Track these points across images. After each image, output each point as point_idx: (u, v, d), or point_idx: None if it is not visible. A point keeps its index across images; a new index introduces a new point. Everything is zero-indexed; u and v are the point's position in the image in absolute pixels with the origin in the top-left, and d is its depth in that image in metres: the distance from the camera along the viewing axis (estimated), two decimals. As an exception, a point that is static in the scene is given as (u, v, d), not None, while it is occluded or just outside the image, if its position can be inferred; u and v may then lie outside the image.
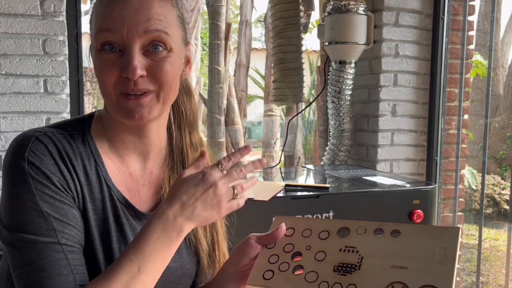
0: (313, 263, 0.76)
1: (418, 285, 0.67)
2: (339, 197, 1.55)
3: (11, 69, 1.70)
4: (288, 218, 0.84)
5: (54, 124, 0.82)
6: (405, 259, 0.71)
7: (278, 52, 2.43)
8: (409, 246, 0.72)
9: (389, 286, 0.69)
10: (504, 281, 3.14)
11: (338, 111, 2.21)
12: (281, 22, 2.39)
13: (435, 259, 0.69)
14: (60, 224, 0.73)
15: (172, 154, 0.89)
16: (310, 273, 0.75)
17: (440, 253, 0.70)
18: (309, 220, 0.84)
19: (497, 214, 5.71)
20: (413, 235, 0.73)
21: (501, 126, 6.96)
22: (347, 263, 0.74)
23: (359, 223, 0.78)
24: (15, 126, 1.72)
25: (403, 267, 0.70)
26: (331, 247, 0.77)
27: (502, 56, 7.55)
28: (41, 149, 0.74)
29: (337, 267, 0.74)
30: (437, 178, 2.31)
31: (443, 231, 0.73)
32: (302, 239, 0.80)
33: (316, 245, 0.78)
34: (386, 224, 0.76)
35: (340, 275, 0.73)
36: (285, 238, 0.81)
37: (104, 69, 0.75)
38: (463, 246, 2.65)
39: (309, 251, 0.77)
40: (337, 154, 2.27)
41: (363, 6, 2.11)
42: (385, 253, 0.73)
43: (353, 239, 0.77)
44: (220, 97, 5.38)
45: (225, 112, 5.60)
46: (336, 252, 0.76)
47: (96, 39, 0.75)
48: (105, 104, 0.82)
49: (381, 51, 2.19)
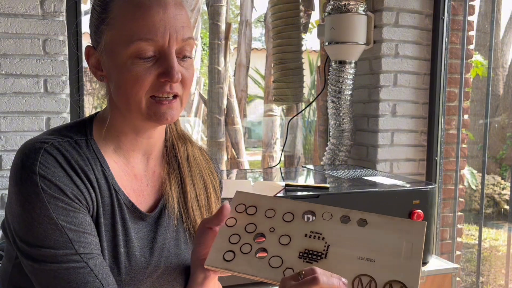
0: (277, 247, 0.72)
1: (385, 280, 0.67)
2: (339, 197, 1.55)
3: (11, 69, 1.70)
4: (250, 195, 0.79)
5: (56, 130, 0.82)
6: (372, 251, 0.69)
7: (278, 52, 2.43)
8: (376, 237, 0.71)
9: (356, 279, 0.68)
10: (504, 281, 3.14)
11: (338, 111, 2.21)
12: (281, 22, 2.39)
13: (402, 253, 0.69)
14: (76, 234, 0.74)
15: (166, 148, 0.90)
16: (274, 258, 0.71)
17: (407, 247, 0.70)
18: (273, 200, 0.79)
19: (497, 214, 5.71)
20: (380, 226, 0.72)
21: (501, 126, 6.96)
22: (313, 250, 0.71)
23: (325, 208, 0.76)
24: (15, 126, 1.72)
25: (370, 259, 0.69)
26: (296, 231, 0.74)
27: (502, 56, 7.54)
28: (51, 161, 0.74)
29: (303, 253, 0.71)
30: (437, 178, 2.31)
31: (409, 225, 0.72)
32: (265, 219, 0.76)
33: (280, 228, 0.74)
34: (353, 212, 0.74)
35: (306, 262, 0.70)
36: (247, 217, 0.76)
37: (141, 76, 0.75)
38: (463, 246, 2.65)
39: (273, 233, 0.74)
40: (337, 154, 2.27)
41: (363, 6, 2.11)
42: (352, 243, 0.71)
43: (319, 224, 0.74)
44: (220, 97, 5.38)
45: (225, 112, 5.59)
46: (301, 237, 0.73)
47: (133, 46, 0.74)
48: (111, 107, 0.82)
49: (381, 51, 2.19)
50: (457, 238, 2.42)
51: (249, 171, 2.27)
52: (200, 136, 7.41)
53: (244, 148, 6.04)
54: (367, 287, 0.67)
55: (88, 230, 0.75)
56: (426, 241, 1.64)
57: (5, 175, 1.71)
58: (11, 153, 1.71)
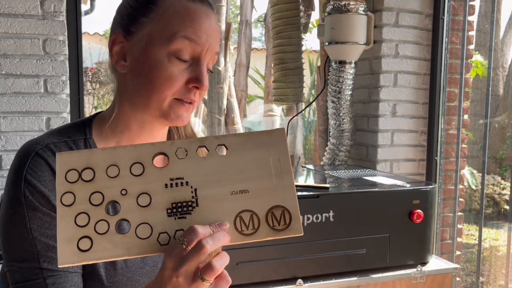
0: (139, 212, 0.60)
1: (265, 209, 0.62)
2: (339, 197, 1.55)
3: (11, 69, 1.70)
4: (75, 154, 0.62)
5: (55, 131, 0.82)
6: (242, 180, 0.62)
7: (278, 52, 2.43)
8: (241, 163, 0.63)
9: (237, 218, 0.62)
10: (504, 281, 3.14)
11: (338, 111, 2.21)
12: (281, 22, 2.39)
13: (272, 172, 0.63)
14: (45, 247, 0.73)
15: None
16: (141, 227, 0.60)
17: (275, 164, 0.63)
18: (108, 152, 0.62)
19: (497, 214, 5.71)
20: (240, 147, 0.63)
21: (501, 126, 6.96)
22: (181, 202, 0.61)
23: (174, 144, 0.63)
24: (15, 126, 1.72)
25: (243, 191, 0.62)
26: (153, 185, 0.61)
27: (502, 56, 7.54)
28: (40, 165, 0.74)
29: (171, 209, 0.61)
30: (437, 178, 2.31)
31: (269, 136, 0.64)
32: (110, 181, 0.60)
33: (133, 186, 0.61)
34: (208, 139, 0.63)
35: (178, 219, 0.60)
36: (86, 185, 0.60)
37: (174, 76, 0.76)
38: (463, 246, 2.65)
39: (126, 196, 0.60)
40: (337, 154, 2.27)
41: (363, 6, 2.11)
42: (219, 178, 0.62)
43: (177, 167, 0.62)
44: (220, 97, 5.39)
45: (225, 112, 5.60)
46: (162, 190, 0.61)
47: (176, 43, 0.76)
48: (121, 100, 0.81)
49: (381, 51, 2.19)
50: (457, 238, 2.42)
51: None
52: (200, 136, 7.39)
53: (244, 148, 6.03)
54: (250, 223, 0.62)
55: None
56: (427, 241, 1.65)
57: (5, 175, 1.71)
58: (11, 153, 1.71)
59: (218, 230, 0.60)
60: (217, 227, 0.61)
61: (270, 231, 0.62)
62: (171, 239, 0.60)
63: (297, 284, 1.47)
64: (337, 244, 1.53)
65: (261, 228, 0.62)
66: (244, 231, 0.62)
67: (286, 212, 0.62)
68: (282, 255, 1.47)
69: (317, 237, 1.50)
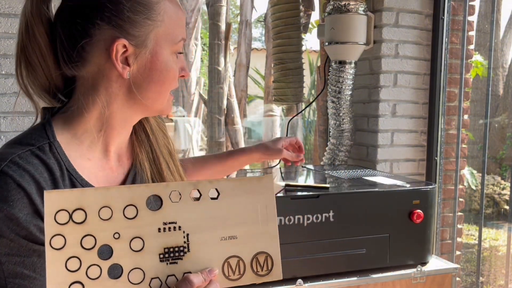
0: (131, 257, 0.59)
1: (250, 255, 0.65)
2: (339, 197, 1.55)
3: (11, 69, 1.70)
4: (65, 193, 0.59)
5: (14, 141, 0.74)
6: (232, 226, 0.64)
7: (278, 52, 2.43)
8: (231, 208, 0.65)
9: (225, 263, 0.64)
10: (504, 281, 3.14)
11: (338, 111, 2.21)
12: (281, 22, 2.39)
13: (259, 219, 0.66)
14: (13, 273, 0.67)
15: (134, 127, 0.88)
16: (134, 272, 0.59)
17: (262, 211, 0.66)
18: (101, 192, 0.60)
19: (497, 214, 5.71)
20: (231, 193, 0.65)
21: (501, 126, 6.96)
22: (173, 247, 0.61)
23: (169, 186, 0.62)
24: (15, 126, 1.72)
25: (232, 237, 0.64)
26: (146, 229, 0.60)
27: (502, 56, 7.54)
28: (6, 184, 0.67)
29: (163, 254, 0.61)
30: (437, 178, 2.31)
31: (258, 183, 0.66)
32: (102, 224, 0.59)
33: (126, 230, 0.59)
34: (201, 183, 0.63)
35: (170, 264, 0.61)
36: (77, 228, 0.58)
37: (177, 73, 0.82)
38: (463, 246, 2.65)
39: (119, 240, 0.59)
40: (337, 154, 2.27)
41: (363, 6, 2.11)
42: (210, 224, 0.63)
43: (170, 210, 0.62)
44: (220, 97, 5.39)
45: (225, 112, 5.60)
46: (155, 235, 0.61)
47: (179, 44, 0.82)
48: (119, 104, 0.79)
49: (381, 51, 2.19)
50: (457, 238, 2.42)
51: (249, 171, 2.27)
52: (200, 136, 7.40)
53: (244, 148, 6.03)
54: (236, 268, 0.64)
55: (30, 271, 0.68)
56: (427, 241, 1.65)
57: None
58: (11, 153, 1.71)
59: (210, 279, 0.63)
60: (208, 274, 0.63)
61: (254, 277, 0.66)
62: (162, 285, 0.61)
63: (297, 284, 1.47)
64: (337, 244, 1.53)
65: (246, 273, 0.65)
66: (231, 276, 0.65)
67: (269, 258, 0.67)
68: (282, 255, 1.46)
69: (317, 237, 1.50)
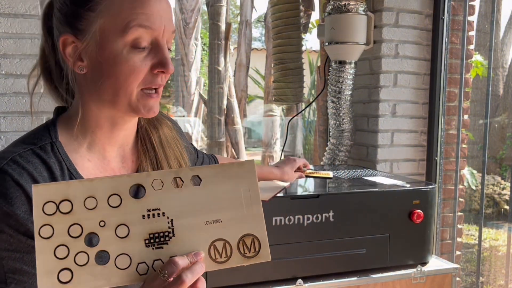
0: (117, 243, 0.62)
1: (236, 238, 0.66)
2: (339, 197, 1.55)
3: (11, 69, 1.70)
4: (52, 186, 0.62)
5: (19, 140, 0.78)
6: (216, 211, 0.66)
7: (278, 52, 2.43)
8: (214, 193, 0.67)
9: (211, 246, 0.66)
10: (504, 281, 3.14)
11: (338, 111, 2.21)
12: (281, 22, 2.39)
13: (243, 203, 0.67)
14: (12, 269, 0.70)
15: (139, 134, 0.88)
16: (120, 257, 0.62)
17: (245, 194, 0.68)
18: (86, 184, 0.63)
19: (497, 214, 5.71)
20: (213, 179, 0.67)
21: (501, 126, 6.97)
22: (158, 232, 0.64)
23: (151, 175, 0.65)
24: (15, 126, 1.72)
25: (217, 220, 0.66)
26: (131, 216, 0.63)
27: (502, 56, 7.55)
28: (5, 181, 0.69)
29: (149, 240, 0.63)
30: (437, 178, 2.31)
31: (240, 168, 0.68)
32: (88, 213, 0.62)
33: (111, 218, 0.62)
34: (183, 171, 0.66)
35: (156, 249, 0.63)
36: (64, 218, 0.61)
37: (137, 66, 0.74)
38: (463, 246, 2.65)
39: (105, 228, 0.62)
40: (337, 154, 2.27)
41: (363, 6, 2.11)
42: (194, 209, 0.65)
43: (153, 198, 0.64)
44: (220, 97, 5.39)
45: (225, 112, 5.60)
46: (139, 221, 0.63)
47: (131, 33, 0.73)
48: (84, 101, 0.79)
49: (381, 51, 2.19)
50: (457, 238, 2.42)
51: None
52: (200, 136, 7.41)
53: (244, 148, 6.05)
54: (223, 251, 0.66)
55: (29, 267, 0.70)
56: (427, 241, 1.65)
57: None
58: (11, 153, 1.71)
59: (195, 260, 0.64)
60: (193, 257, 0.64)
61: (242, 258, 0.67)
62: (149, 269, 0.63)
63: (297, 284, 1.47)
64: (337, 244, 1.53)
65: (233, 255, 0.66)
66: (218, 259, 0.66)
67: (256, 240, 0.67)
68: (282, 255, 1.47)
69: (317, 237, 1.50)
